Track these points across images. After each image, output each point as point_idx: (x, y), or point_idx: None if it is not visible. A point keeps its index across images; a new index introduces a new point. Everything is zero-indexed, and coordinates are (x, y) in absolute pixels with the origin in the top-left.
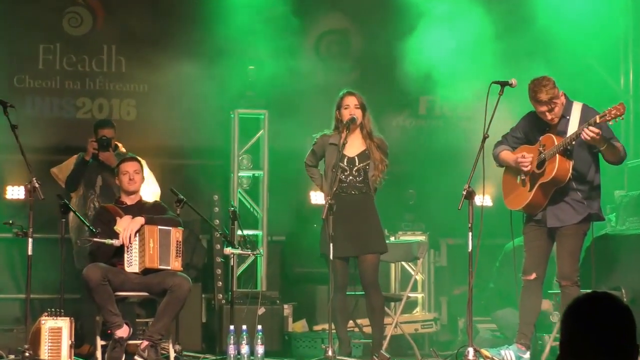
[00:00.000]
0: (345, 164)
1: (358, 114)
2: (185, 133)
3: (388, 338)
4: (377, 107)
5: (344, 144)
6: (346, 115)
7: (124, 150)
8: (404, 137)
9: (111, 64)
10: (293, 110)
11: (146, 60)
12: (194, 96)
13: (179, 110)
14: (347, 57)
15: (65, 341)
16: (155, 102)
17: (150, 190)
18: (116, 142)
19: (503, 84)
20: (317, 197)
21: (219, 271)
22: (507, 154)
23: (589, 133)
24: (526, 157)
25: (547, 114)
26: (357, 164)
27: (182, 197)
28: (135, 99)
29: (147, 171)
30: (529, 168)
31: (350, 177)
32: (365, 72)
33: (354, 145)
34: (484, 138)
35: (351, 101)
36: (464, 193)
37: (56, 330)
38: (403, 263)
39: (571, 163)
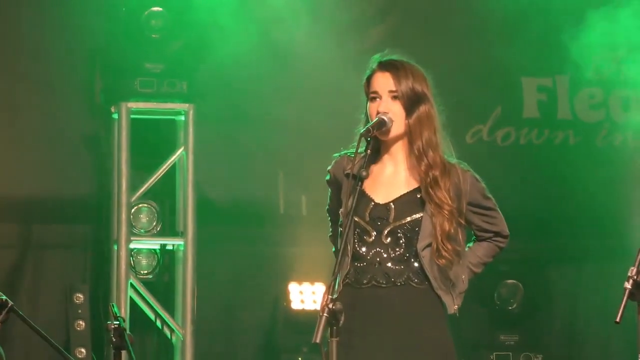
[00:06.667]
0: (367, 219)
1: (395, 111)
2: (13, 168)
3: None
4: None
5: (359, 177)
6: (372, 113)
7: None
8: (491, 164)
9: None
10: (248, 105)
11: None
12: (32, 86)
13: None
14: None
15: None
16: None
17: None
18: None
19: None
20: (307, 295)
21: None
22: None
23: None
24: None
25: None
26: (391, 220)
27: (4, 298)
28: None
29: None
30: None
31: (378, 249)
32: (402, 29)
33: (392, 181)
34: None
35: (383, 83)
36: (628, 287)
37: None
38: None
39: None
